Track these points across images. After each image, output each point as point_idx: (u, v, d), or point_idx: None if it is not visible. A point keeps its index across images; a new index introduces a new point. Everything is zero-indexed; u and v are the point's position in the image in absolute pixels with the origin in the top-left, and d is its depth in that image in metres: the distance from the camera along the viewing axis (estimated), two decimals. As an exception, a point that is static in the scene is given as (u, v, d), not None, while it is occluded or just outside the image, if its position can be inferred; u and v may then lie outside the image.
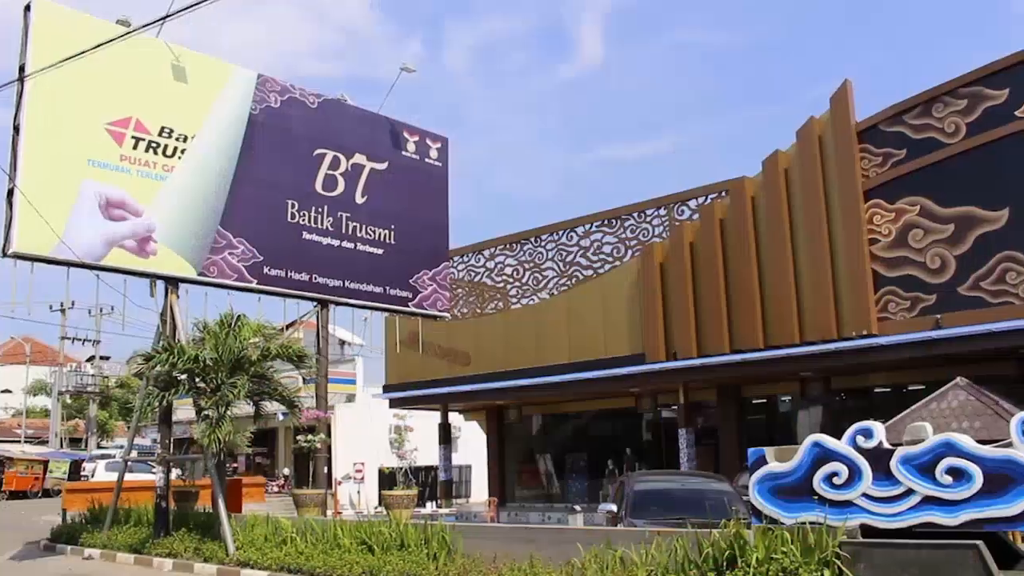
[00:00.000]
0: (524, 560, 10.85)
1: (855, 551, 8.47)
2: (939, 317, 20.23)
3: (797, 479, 8.96)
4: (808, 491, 8.87)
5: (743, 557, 8.92)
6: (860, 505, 8.62)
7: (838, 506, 8.72)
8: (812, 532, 8.62)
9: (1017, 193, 19.74)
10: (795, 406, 25.71)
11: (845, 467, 8.70)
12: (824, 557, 8.51)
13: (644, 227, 25.87)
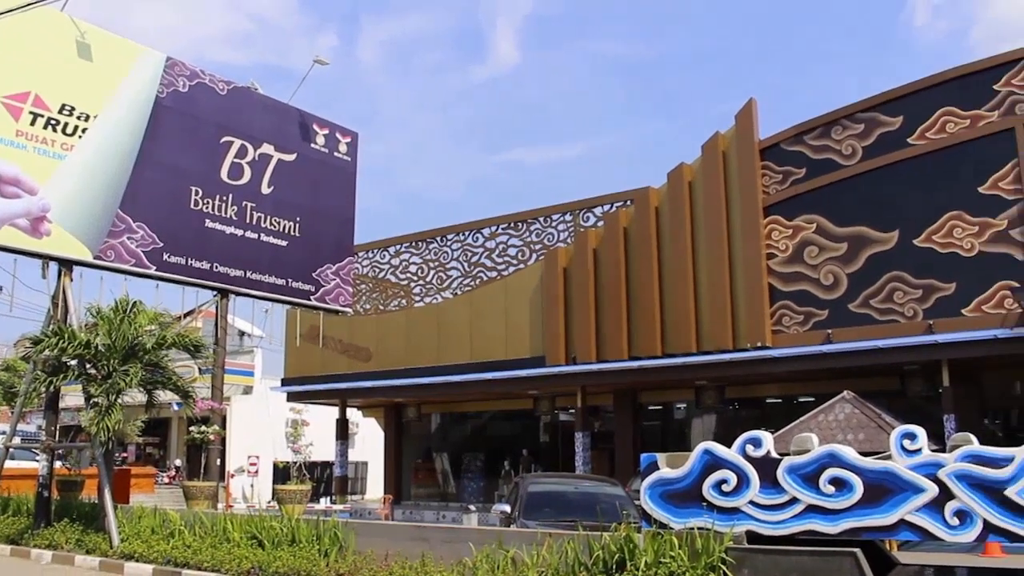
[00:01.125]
0: (416, 559, 10.82)
1: (740, 556, 8.68)
2: (830, 332, 20.94)
3: (687, 485, 9.16)
4: (698, 497, 9.07)
5: (632, 560, 9.05)
6: (747, 512, 8.86)
7: (726, 512, 8.94)
8: (700, 537, 8.79)
9: (907, 216, 20.59)
10: (690, 413, 26.26)
11: (734, 475, 8.94)
12: (710, 562, 8.69)
13: (549, 231, 26.10)
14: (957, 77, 20.79)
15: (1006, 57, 20.43)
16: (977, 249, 19.89)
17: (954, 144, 20.46)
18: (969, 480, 8.00)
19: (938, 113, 20.76)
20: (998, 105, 20.20)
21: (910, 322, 20.28)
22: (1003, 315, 19.28)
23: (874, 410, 18.26)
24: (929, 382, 21.23)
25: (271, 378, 35.17)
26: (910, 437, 8.39)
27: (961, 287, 19.87)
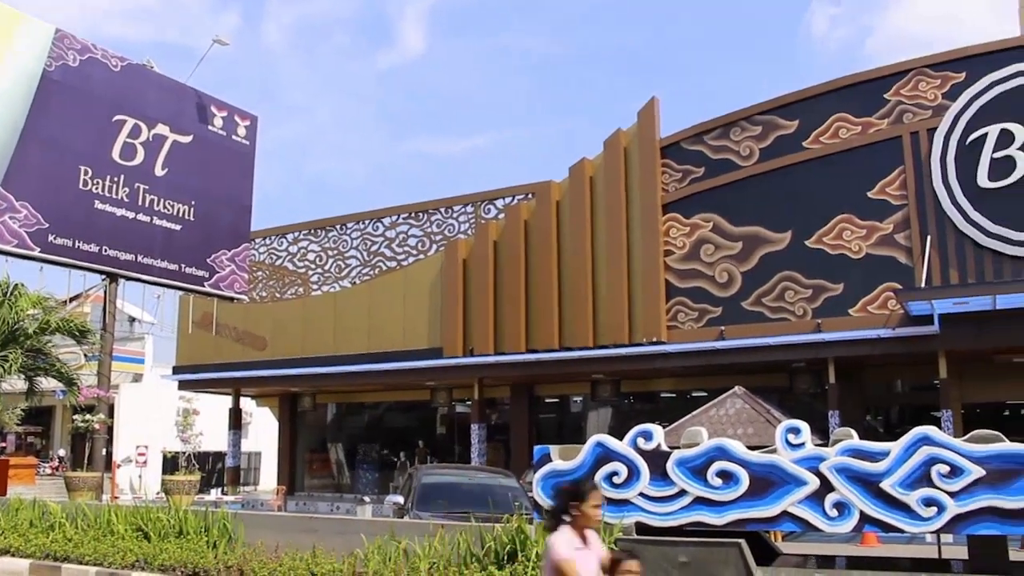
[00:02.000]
0: (307, 550, 10.66)
1: (629, 547, 8.76)
2: (723, 329, 21.41)
3: (579, 477, 9.24)
4: (590, 489, 9.15)
5: (524, 551, 9.09)
6: (637, 504, 8.98)
7: (616, 504, 9.03)
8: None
9: (801, 218, 21.21)
10: (586, 406, 26.55)
11: (625, 467, 9.04)
12: (600, 553, 8.81)
13: (450, 223, 26.04)
14: (850, 85, 21.48)
15: (896, 68, 21.20)
16: (864, 251, 20.61)
17: (846, 149, 21.16)
18: (848, 473, 8.26)
19: (832, 119, 21.42)
20: (888, 114, 20.96)
21: (800, 320, 20.90)
22: (887, 315, 20.02)
23: (764, 405, 18.77)
24: (816, 379, 21.94)
25: (162, 366, 34.30)
26: (794, 432, 8.61)
27: (848, 288, 20.58)
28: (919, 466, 8.06)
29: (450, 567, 9.29)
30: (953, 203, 19.97)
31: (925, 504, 8.00)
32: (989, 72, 20.18)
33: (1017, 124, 19.65)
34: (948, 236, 20.03)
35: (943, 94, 20.58)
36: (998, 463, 7.85)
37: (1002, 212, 19.56)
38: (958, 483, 7.91)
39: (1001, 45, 20.48)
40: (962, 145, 20.09)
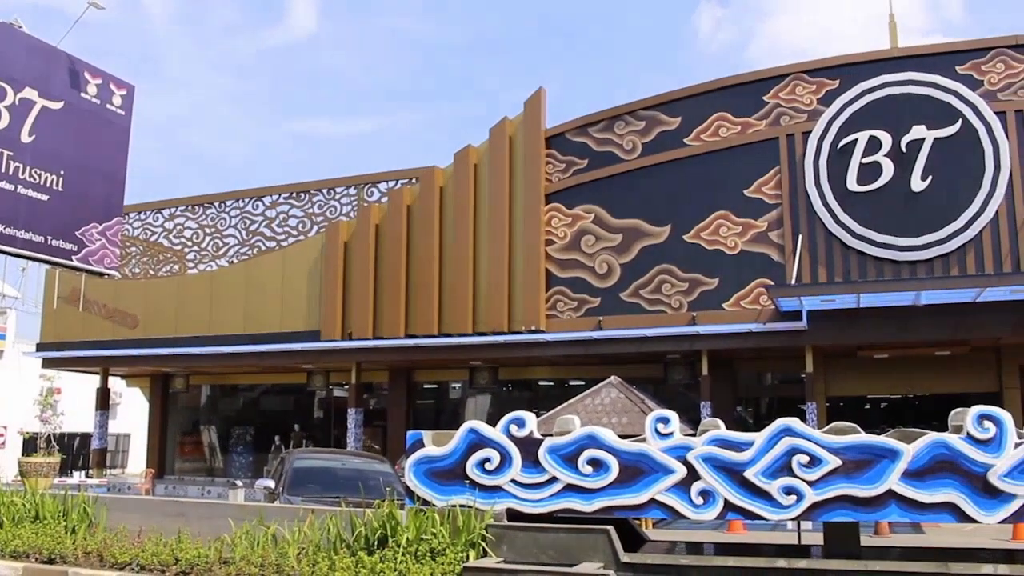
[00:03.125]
0: (173, 535, 10.39)
1: (500, 533, 8.85)
2: (601, 319, 21.75)
3: (452, 463, 9.25)
4: (462, 475, 9.18)
5: (394, 537, 9.05)
6: (508, 490, 9.05)
7: (488, 490, 9.09)
8: (461, 514, 8.90)
9: (680, 213, 21.71)
10: (464, 393, 26.62)
11: (497, 453, 9.10)
12: (471, 539, 8.81)
13: (332, 204, 25.68)
14: (731, 86, 22.07)
15: (775, 72, 21.90)
16: (740, 248, 21.23)
17: (725, 148, 21.73)
18: (714, 462, 8.50)
19: (713, 117, 21.97)
20: (766, 115, 21.62)
21: (675, 313, 21.40)
22: (758, 311, 20.68)
23: (638, 395, 19.15)
24: (690, 370, 22.53)
25: (26, 342, 32.90)
26: (663, 421, 8.80)
27: (723, 283, 21.18)
28: (781, 456, 8.36)
29: (319, 552, 9.19)
30: (824, 205, 20.74)
31: (785, 492, 8.30)
32: (861, 81, 21.05)
33: (884, 132, 20.53)
34: (818, 236, 20.80)
35: (818, 99, 21.35)
36: (853, 454, 8.21)
37: (868, 215, 20.43)
38: (816, 472, 8.24)
39: (873, 56, 21.36)
40: (834, 149, 20.88)
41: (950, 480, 7.99)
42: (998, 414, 8.05)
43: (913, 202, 20.28)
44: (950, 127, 20.32)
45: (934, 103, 20.53)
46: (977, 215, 19.94)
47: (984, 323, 18.93)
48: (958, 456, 8.00)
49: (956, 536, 13.43)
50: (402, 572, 8.47)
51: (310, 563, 8.95)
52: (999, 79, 20.47)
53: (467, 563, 8.56)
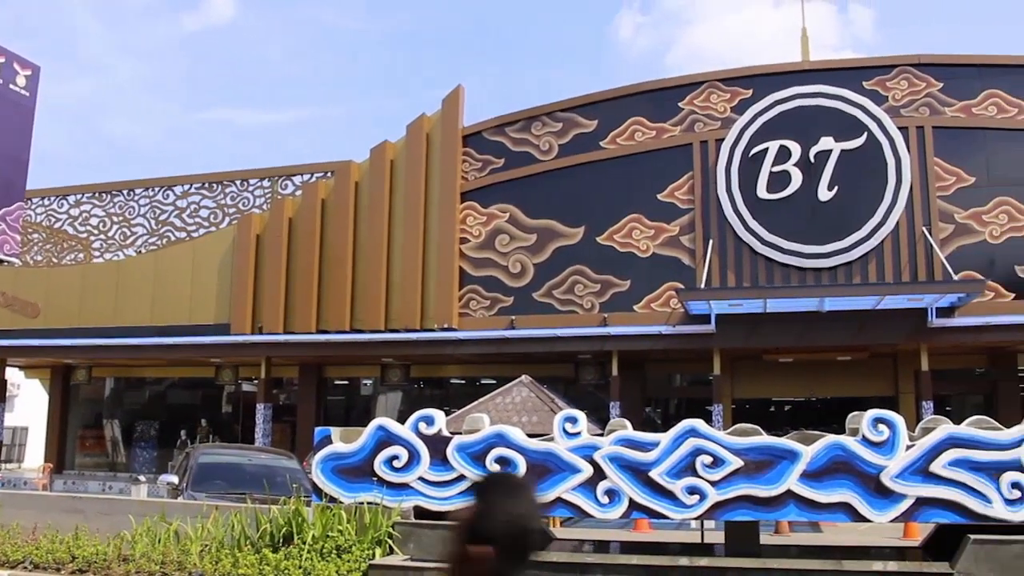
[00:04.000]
0: (70, 531, 10.12)
1: (407, 531, 8.83)
2: (513, 319, 21.85)
3: (360, 460, 9.20)
4: (370, 472, 9.13)
5: (300, 534, 8.97)
6: (416, 488, 9.03)
7: (396, 488, 9.06)
8: (368, 512, 8.87)
9: (594, 214, 21.96)
10: (376, 390, 26.44)
11: (406, 451, 9.08)
12: (378, 536, 8.79)
13: (245, 196, 25.29)
14: (648, 91, 22.43)
15: (690, 79, 22.33)
16: (652, 251, 21.58)
17: (640, 152, 22.08)
18: (620, 462, 8.62)
19: (629, 121, 22.29)
20: (681, 121, 22.02)
21: (587, 314, 21.65)
22: (668, 313, 21.04)
23: (548, 395, 19.25)
24: (600, 371, 22.76)
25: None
26: (571, 421, 8.90)
27: (635, 285, 21.51)
28: (686, 456, 8.52)
29: (223, 550, 9.06)
30: (734, 211, 21.21)
31: (689, 492, 8.47)
32: (773, 92, 21.63)
33: (794, 142, 21.11)
34: (728, 241, 21.25)
35: (732, 108, 21.82)
36: (755, 455, 8.42)
37: (776, 223, 20.97)
38: (719, 473, 8.42)
39: (785, 68, 21.97)
40: (745, 157, 21.37)
41: (846, 481, 8.25)
42: (892, 418, 8.33)
43: (819, 211, 20.89)
44: (856, 140, 20.99)
45: (842, 116, 21.19)
46: (879, 225, 20.64)
47: (883, 330, 19.56)
48: (854, 458, 8.26)
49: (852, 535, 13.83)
50: (307, 570, 8.40)
51: (213, 560, 8.82)
52: (902, 96, 21.22)
53: (373, 560, 8.54)
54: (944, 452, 8.17)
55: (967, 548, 7.79)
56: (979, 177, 20.75)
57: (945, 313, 19.39)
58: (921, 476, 8.17)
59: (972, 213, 20.66)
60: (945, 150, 20.93)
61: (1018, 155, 20.77)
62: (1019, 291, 20.27)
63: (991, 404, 21.04)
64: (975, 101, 21.02)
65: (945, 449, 8.18)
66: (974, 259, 20.46)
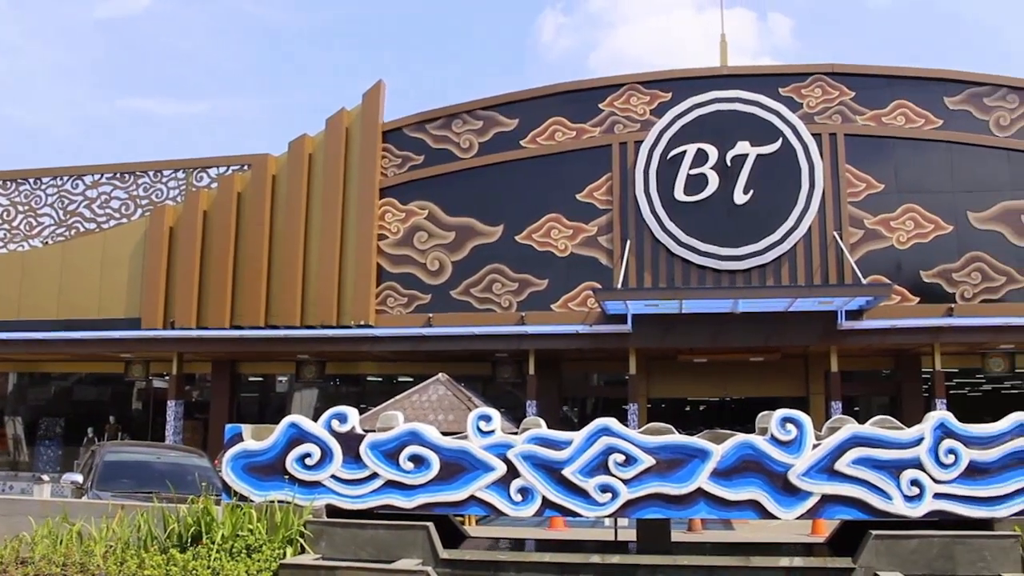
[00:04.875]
0: (-38, 534, 9.73)
1: (319, 530, 8.73)
2: (431, 316, 21.80)
3: (271, 458, 9.06)
4: (281, 470, 9.01)
5: (209, 534, 8.78)
6: (328, 486, 8.93)
7: (308, 486, 8.95)
8: (280, 510, 8.72)
9: (513, 213, 22.06)
10: (291, 387, 26.09)
11: (318, 449, 8.97)
12: (289, 535, 8.65)
13: (158, 187, 24.72)
14: (569, 91, 22.63)
15: (612, 80, 22.60)
16: (570, 251, 21.77)
17: (560, 152, 22.26)
18: (533, 460, 8.66)
19: (549, 121, 22.45)
20: (601, 123, 22.26)
21: (505, 312, 21.72)
22: (585, 312, 21.23)
23: (465, 393, 19.23)
24: (518, 369, 22.84)
25: None
26: (485, 419, 8.90)
27: (553, 284, 21.67)
28: (598, 455, 8.60)
29: (128, 550, 8.81)
30: (652, 212, 21.49)
31: (601, 490, 8.55)
32: (692, 95, 22.02)
33: (711, 145, 21.52)
34: (645, 242, 21.54)
35: (651, 110, 22.13)
36: (667, 453, 8.55)
37: (693, 225, 21.33)
38: (631, 471, 8.52)
39: (704, 72, 22.39)
40: (663, 159, 21.69)
41: (754, 479, 8.43)
42: (799, 417, 8.52)
43: (735, 214, 21.31)
44: (771, 145, 21.48)
45: (758, 121, 21.66)
46: (792, 229, 21.13)
47: (794, 332, 20.00)
48: (762, 456, 8.44)
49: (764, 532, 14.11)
50: (216, 570, 8.23)
51: (118, 561, 8.57)
52: (817, 103, 21.78)
53: (284, 560, 8.41)
54: (848, 451, 8.41)
55: (868, 543, 8.03)
56: (888, 184, 21.40)
57: (854, 316, 19.91)
58: (826, 474, 8.39)
59: (881, 219, 21.29)
60: (856, 157, 21.55)
61: (924, 164, 21.49)
62: (924, 295, 20.98)
63: (896, 404, 21.72)
64: (885, 110, 21.69)
65: (849, 448, 8.42)
66: (882, 264, 21.09)
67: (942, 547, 7.96)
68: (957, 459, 8.31)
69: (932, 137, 21.49)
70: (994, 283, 20.93)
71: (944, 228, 21.17)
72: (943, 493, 8.27)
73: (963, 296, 20.89)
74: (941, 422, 8.45)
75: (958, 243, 21.11)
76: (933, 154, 21.50)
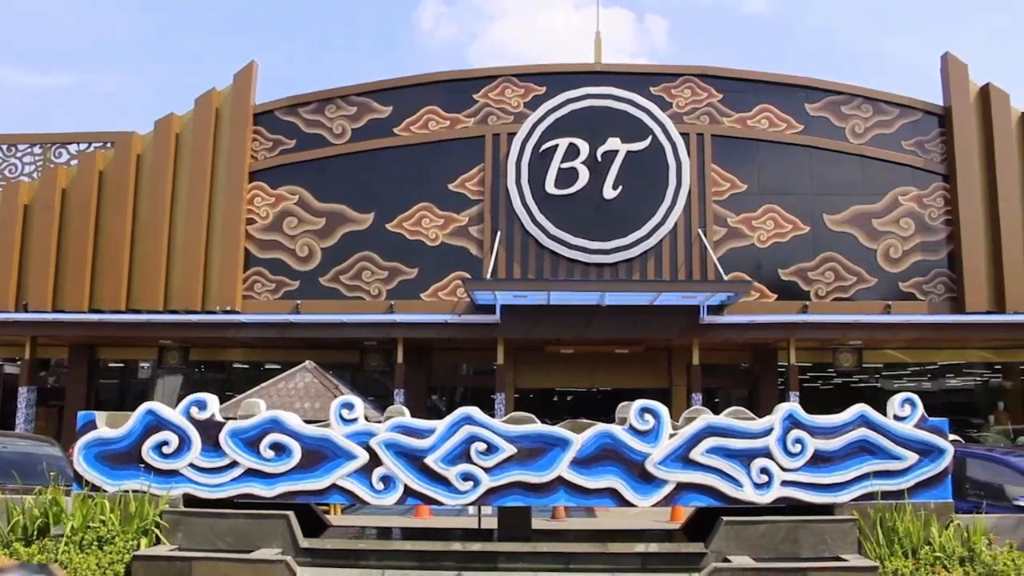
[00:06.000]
0: None
1: (175, 519, 8.56)
2: (299, 303, 21.53)
3: (127, 446, 8.82)
4: (137, 459, 8.78)
5: (57, 525, 8.51)
6: (186, 475, 8.76)
7: (165, 475, 8.75)
8: (134, 500, 8.53)
9: (384, 201, 21.99)
10: (153, 373, 25.31)
11: (176, 436, 8.78)
12: (144, 526, 8.47)
13: (12, 162, 23.60)
14: (444, 81, 22.65)
15: (487, 72, 22.73)
16: (440, 240, 21.83)
17: (433, 141, 22.28)
18: (396, 448, 8.70)
19: (424, 110, 22.43)
20: (475, 114, 22.37)
21: (374, 301, 21.66)
22: (455, 302, 21.33)
23: (332, 381, 19.07)
24: (386, 358, 22.73)
25: None
26: (348, 407, 8.89)
27: (423, 273, 21.72)
28: (460, 444, 8.71)
29: (-32, 546, 8.43)
30: (523, 204, 21.73)
31: (463, 479, 8.66)
32: (566, 90, 22.37)
33: (583, 140, 21.90)
34: (515, 234, 21.77)
35: (525, 103, 22.37)
36: (528, 442, 8.71)
37: (563, 218, 21.67)
38: (493, 460, 8.67)
39: (579, 68, 22.77)
40: (536, 152, 21.94)
41: (613, 468, 8.68)
42: (657, 408, 8.80)
43: (604, 209, 21.74)
44: (641, 142, 22.00)
45: (629, 119, 22.15)
46: (659, 225, 21.71)
47: (658, 325, 20.53)
48: (621, 446, 8.69)
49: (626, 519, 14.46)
50: (64, 563, 7.98)
51: (-47, 557, 8.19)
52: (686, 103, 22.42)
53: (137, 552, 8.23)
54: (703, 440, 8.73)
55: (720, 529, 8.38)
56: (751, 185, 22.22)
57: (715, 311, 20.58)
58: (682, 463, 8.70)
59: (743, 218, 22.09)
60: (722, 157, 22.28)
61: (785, 167, 22.40)
62: (781, 293, 21.90)
63: (754, 396, 22.55)
64: (750, 113, 22.49)
65: (704, 438, 8.74)
66: (743, 261, 21.90)
67: (787, 531, 8.37)
68: (803, 448, 8.71)
69: (793, 141, 22.42)
70: (846, 282, 22.03)
71: (801, 229, 22.14)
72: (790, 480, 8.67)
73: (817, 294, 21.91)
74: (790, 413, 8.84)
75: (814, 244, 22.12)
76: (793, 158, 22.44)
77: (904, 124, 22.78)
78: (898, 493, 8.67)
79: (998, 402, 23.83)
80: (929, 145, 22.73)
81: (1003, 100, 22.73)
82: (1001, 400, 23.87)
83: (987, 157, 22.50)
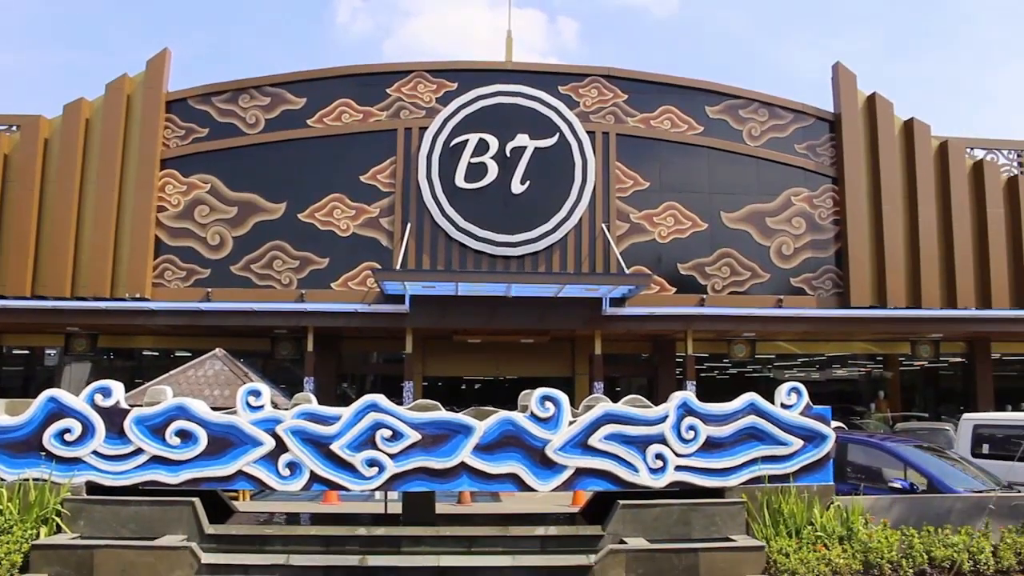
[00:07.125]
0: None
1: (77, 508, 8.56)
2: (209, 291, 21.52)
3: (27, 433, 8.80)
4: (38, 446, 8.76)
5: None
6: (89, 462, 8.78)
7: (67, 463, 8.75)
8: (34, 488, 8.50)
9: (297, 191, 22.15)
10: (60, 361, 24.88)
11: (79, 424, 8.81)
12: (44, 514, 8.45)
13: (-93, 144, 22.95)
14: (359, 75, 22.90)
15: (400, 67, 23.06)
16: (352, 231, 22.07)
17: (346, 133, 22.52)
18: (302, 435, 8.88)
19: (337, 103, 22.63)
20: (388, 107, 22.65)
21: (285, 289, 21.80)
22: (365, 292, 21.60)
23: (243, 368, 19.12)
24: (297, 346, 22.81)
25: None
26: (255, 394, 9.01)
27: (334, 263, 21.96)
28: (366, 430, 8.92)
29: None
30: (433, 197, 22.09)
31: (368, 464, 8.87)
32: (477, 87, 22.82)
33: (492, 136, 22.39)
34: (425, 225, 22.12)
35: (437, 98, 22.74)
36: (432, 429, 8.97)
37: (472, 211, 22.13)
38: (398, 446, 8.90)
39: (490, 65, 23.26)
40: (446, 147, 22.33)
41: (515, 453, 8.99)
42: (557, 396, 9.16)
43: (512, 203, 22.24)
44: (549, 139, 22.57)
45: (537, 116, 22.71)
46: (564, 220, 22.30)
47: (563, 316, 21.05)
48: (522, 432, 9.02)
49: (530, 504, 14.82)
50: (-45, 555, 7.86)
51: None
52: (592, 103, 23.05)
53: (36, 541, 8.20)
54: (601, 427, 9.07)
55: (616, 512, 8.75)
56: (653, 182, 22.97)
57: (617, 303, 21.19)
58: (581, 449, 9.02)
59: (645, 214, 22.82)
60: (626, 155, 22.97)
61: (686, 166, 23.23)
62: (680, 286, 22.74)
63: (653, 385, 23.30)
64: (654, 114, 23.23)
65: (602, 424, 9.08)
66: (644, 256, 22.64)
67: (680, 514, 8.81)
68: (696, 435, 9.15)
69: (694, 142, 23.26)
70: (740, 277, 22.97)
71: (700, 226, 22.99)
72: (683, 466, 9.09)
73: (714, 288, 22.79)
74: (684, 401, 9.25)
75: (711, 240, 22.99)
76: (694, 157, 23.27)
77: (797, 128, 23.83)
78: (784, 477, 9.15)
79: (879, 391, 25.12)
80: (820, 149, 23.82)
81: (888, 108, 23.94)
82: (882, 390, 25.18)
83: (872, 161, 23.69)
